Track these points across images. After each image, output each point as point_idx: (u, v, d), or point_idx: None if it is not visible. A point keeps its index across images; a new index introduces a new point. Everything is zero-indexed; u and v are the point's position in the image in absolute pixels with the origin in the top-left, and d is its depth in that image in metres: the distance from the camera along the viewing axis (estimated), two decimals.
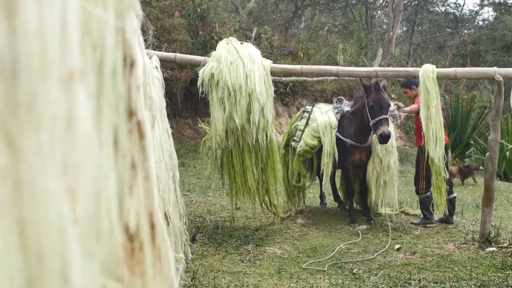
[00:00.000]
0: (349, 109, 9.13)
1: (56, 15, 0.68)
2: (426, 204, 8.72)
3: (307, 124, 9.31)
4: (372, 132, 8.47)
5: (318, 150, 9.21)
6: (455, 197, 8.98)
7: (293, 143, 9.49)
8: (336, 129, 8.97)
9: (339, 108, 9.28)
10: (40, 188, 0.64)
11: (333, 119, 9.11)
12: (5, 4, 0.63)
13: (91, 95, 0.75)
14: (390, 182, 9.03)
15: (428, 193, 8.56)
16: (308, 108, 9.81)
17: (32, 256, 0.63)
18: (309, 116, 9.40)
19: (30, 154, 0.64)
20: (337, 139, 8.91)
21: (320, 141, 9.07)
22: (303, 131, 9.29)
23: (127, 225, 0.81)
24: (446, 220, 8.86)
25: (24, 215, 0.63)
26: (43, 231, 0.64)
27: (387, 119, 8.14)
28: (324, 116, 9.25)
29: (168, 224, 2.25)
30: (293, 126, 9.81)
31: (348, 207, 9.37)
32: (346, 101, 9.63)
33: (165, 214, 2.26)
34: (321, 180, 9.89)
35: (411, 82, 8.86)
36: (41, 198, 0.64)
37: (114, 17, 0.81)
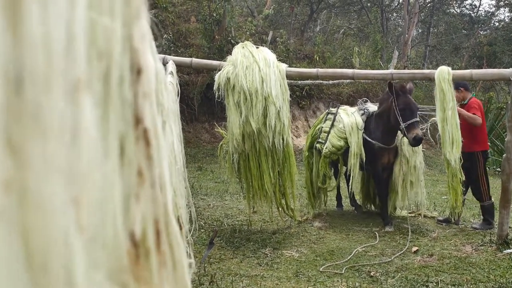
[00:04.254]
0: (374, 110, 9.12)
1: (62, 25, 0.68)
2: (490, 211, 8.66)
3: (332, 125, 9.31)
4: (402, 136, 8.47)
5: (344, 152, 9.22)
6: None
7: (318, 145, 9.48)
8: (363, 130, 8.98)
9: (366, 110, 9.27)
10: (45, 197, 0.64)
11: (360, 120, 9.13)
12: (10, 14, 0.63)
13: (97, 103, 0.76)
14: (416, 182, 9.00)
15: (492, 200, 8.53)
16: (333, 110, 9.81)
17: (37, 265, 0.63)
18: (334, 117, 9.41)
19: (35, 163, 0.64)
20: (364, 140, 8.93)
21: (346, 142, 9.08)
22: (328, 132, 9.30)
23: (132, 232, 0.81)
24: (456, 222, 8.88)
25: (28, 224, 0.63)
26: (48, 240, 0.64)
27: (418, 121, 8.15)
28: (350, 117, 9.27)
29: (181, 229, 2.24)
30: (317, 128, 9.80)
31: (381, 210, 9.34)
32: (371, 103, 9.63)
33: (178, 219, 2.26)
34: (347, 181, 9.91)
35: (459, 84, 8.75)
36: (46, 207, 0.64)
37: (121, 25, 0.81)
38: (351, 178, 9.04)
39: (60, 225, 0.66)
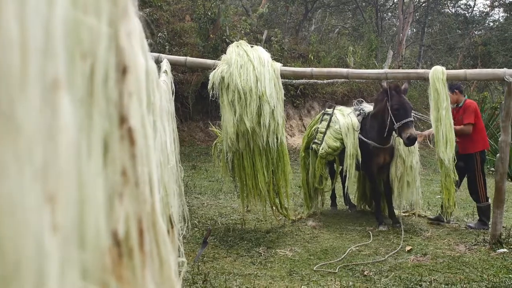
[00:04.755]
0: (370, 111, 9.14)
1: (40, 24, 0.67)
2: (487, 212, 8.65)
3: (328, 126, 9.32)
4: (396, 135, 8.48)
5: (340, 152, 9.22)
6: None
7: (314, 146, 9.50)
8: (359, 131, 8.99)
9: (361, 110, 9.29)
10: (17, 198, 0.63)
11: (355, 121, 9.14)
12: None
13: (81, 101, 0.75)
14: (412, 182, 9.01)
15: (489, 200, 8.53)
16: (329, 110, 9.82)
17: (8, 264, 0.62)
18: (330, 118, 9.42)
19: (7, 162, 0.63)
20: (360, 141, 8.94)
21: (342, 143, 9.10)
22: (324, 133, 9.30)
23: (115, 231, 0.81)
24: (447, 221, 8.89)
25: (0, 224, 0.62)
26: (20, 239, 0.63)
27: (412, 121, 8.16)
28: (346, 118, 9.28)
29: (172, 227, 2.24)
30: (313, 128, 9.81)
31: (375, 209, 9.35)
32: (366, 104, 9.64)
33: (169, 218, 2.26)
34: (342, 180, 9.94)
35: (454, 86, 8.77)
36: (17, 207, 0.63)
37: (107, 25, 0.81)
38: (346, 178, 9.06)
39: (32, 225, 0.65)
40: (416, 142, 8.40)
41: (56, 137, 0.69)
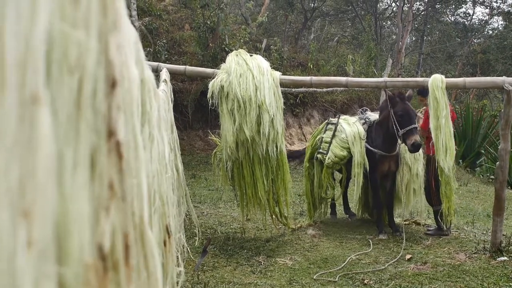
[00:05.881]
0: (376, 119, 9.14)
1: (20, 37, 0.67)
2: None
3: (334, 135, 9.32)
4: (400, 142, 8.47)
5: (346, 161, 9.22)
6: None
7: (319, 156, 9.48)
8: (365, 139, 8.99)
9: (366, 119, 9.29)
10: None
11: (362, 130, 9.14)
12: None
13: (67, 116, 0.75)
14: (418, 190, 8.99)
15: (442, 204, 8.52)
16: (333, 120, 9.83)
17: None
18: (335, 127, 9.41)
19: None
20: (366, 149, 8.94)
21: (349, 152, 9.09)
22: (330, 142, 9.29)
23: (100, 245, 0.80)
24: (446, 231, 8.82)
25: None
26: None
27: (416, 128, 8.16)
28: (352, 127, 9.27)
29: (169, 237, 2.24)
30: (317, 138, 9.79)
31: (376, 218, 9.32)
32: (371, 112, 9.65)
33: (166, 227, 2.25)
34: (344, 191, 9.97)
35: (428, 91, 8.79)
36: None
37: (96, 38, 0.80)
38: (354, 186, 9.06)
39: (4, 241, 0.64)
40: (421, 149, 8.40)
41: (33, 152, 0.68)
